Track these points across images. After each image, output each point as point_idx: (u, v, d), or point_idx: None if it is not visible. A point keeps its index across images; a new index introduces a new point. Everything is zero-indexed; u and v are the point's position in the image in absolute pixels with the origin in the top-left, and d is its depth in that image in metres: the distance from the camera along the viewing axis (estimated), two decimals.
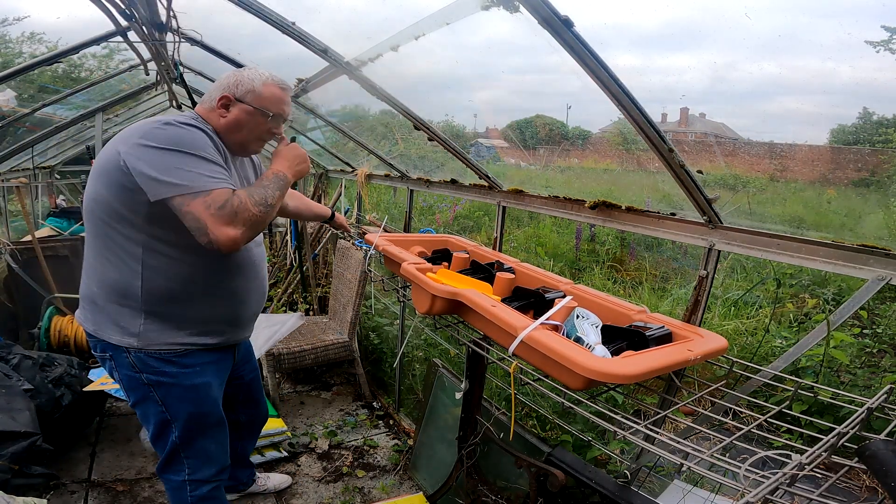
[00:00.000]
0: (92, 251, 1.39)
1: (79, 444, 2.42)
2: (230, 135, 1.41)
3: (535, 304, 1.33)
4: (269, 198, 1.31)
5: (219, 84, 1.43)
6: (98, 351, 1.45)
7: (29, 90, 2.89)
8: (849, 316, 1.23)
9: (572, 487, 1.60)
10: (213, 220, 1.20)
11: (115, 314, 1.37)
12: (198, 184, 1.21)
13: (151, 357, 1.39)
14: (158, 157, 1.22)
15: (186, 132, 1.26)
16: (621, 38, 1.25)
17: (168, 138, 1.23)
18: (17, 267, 3.24)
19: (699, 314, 1.43)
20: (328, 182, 4.27)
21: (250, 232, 1.26)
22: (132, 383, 1.43)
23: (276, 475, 2.31)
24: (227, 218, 1.21)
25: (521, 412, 2.23)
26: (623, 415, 1.01)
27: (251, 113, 1.40)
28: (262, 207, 1.28)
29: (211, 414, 1.53)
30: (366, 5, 1.80)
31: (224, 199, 1.22)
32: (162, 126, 1.25)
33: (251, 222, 1.25)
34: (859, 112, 1.35)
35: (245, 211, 1.24)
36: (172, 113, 1.42)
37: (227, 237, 1.21)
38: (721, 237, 1.38)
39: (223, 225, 1.20)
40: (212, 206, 1.20)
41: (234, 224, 1.22)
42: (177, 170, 1.21)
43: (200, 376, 1.47)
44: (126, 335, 1.37)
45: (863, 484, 1.60)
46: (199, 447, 1.53)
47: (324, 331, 3.12)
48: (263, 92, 1.40)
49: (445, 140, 2.05)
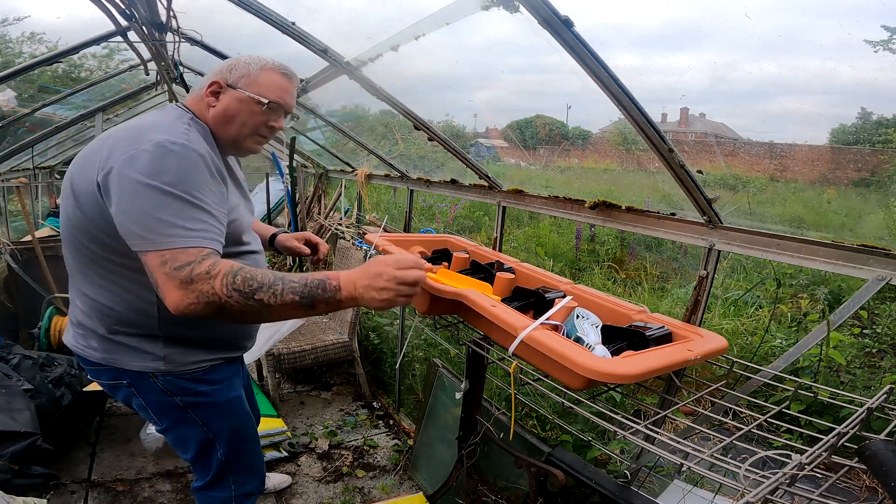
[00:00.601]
0: (81, 278, 1.21)
1: (79, 444, 2.42)
2: (220, 128, 1.22)
3: (535, 304, 1.33)
4: (265, 293, 1.00)
5: (212, 71, 1.25)
6: (107, 379, 1.28)
7: (29, 90, 2.89)
8: (849, 316, 1.22)
9: (572, 487, 1.60)
10: (165, 278, 0.99)
11: (128, 342, 1.22)
12: (163, 238, 1.00)
13: (183, 378, 1.26)
14: (131, 198, 1.01)
15: (171, 160, 1.03)
16: (621, 38, 1.25)
17: (147, 169, 1.01)
18: (17, 267, 3.24)
19: (699, 314, 1.43)
20: (328, 182, 4.27)
21: (204, 309, 0.99)
22: (165, 408, 1.30)
23: (276, 475, 2.30)
24: (178, 280, 0.98)
25: (521, 412, 2.23)
26: (623, 415, 1.01)
27: (244, 101, 1.19)
28: (237, 295, 0.99)
29: (249, 425, 1.46)
30: (366, 5, 1.80)
31: (185, 261, 0.99)
32: (150, 148, 1.03)
33: (209, 301, 0.98)
34: (859, 112, 1.36)
35: (205, 283, 0.98)
36: (168, 111, 1.21)
37: (171, 301, 0.99)
38: (721, 237, 1.38)
39: (172, 287, 0.98)
40: (168, 263, 0.99)
41: (185, 290, 0.98)
42: (146, 216, 1.00)
43: (232, 390, 1.38)
44: (150, 360, 1.23)
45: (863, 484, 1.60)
46: (244, 461, 1.45)
47: (324, 331, 3.12)
48: (260, 77, 1.20)
49: (445, 140, 2.05)
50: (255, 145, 1.27)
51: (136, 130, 1.08)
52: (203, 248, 1.03)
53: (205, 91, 1.21)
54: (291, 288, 1.01)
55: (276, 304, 1.01)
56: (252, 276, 1.00)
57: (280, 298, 1.00)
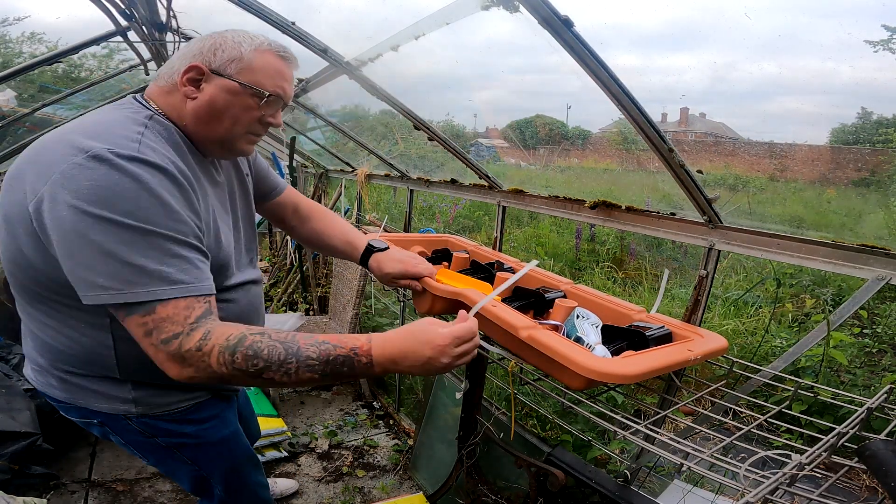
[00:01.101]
0: (30, 319, 0.99)
1: (79, 444, 2.42)
2: (203, 126, 0.94)
3: (535, 304, 1.33)
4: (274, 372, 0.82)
5: (186, 50, 0.94)
6: (76, 417, 1.07)
7: (29, 90, 2.88)
8: (849, 316, 1.22)
9: (572, 487, 1.60)
10: (154, 350, 0.82)
11: (90, 385, 1.01)
12: (134, 289, 0.79)
13: (162, 420, 1.07)
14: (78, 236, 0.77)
15: (121, 176, 0.78)
16: (622, 38, 1.25)
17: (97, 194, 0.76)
18: None
19: (699, 314, 1.43)
20: (328, 182, 4.27)
21: (209, 381, 0.85)
22: (146, 447, 1.12)
23: (283, 480, 2.26)
24: (169, 354, 0.82)
25: (522, 412, 2.23)
26: (623, 415, 1.01)
27: (235, 93, 0.92)
28: (241, 374, 0.82)
29: (248, 461, 1.29)
30: (366, 5, 1.80)
31: (171, 332, 0.81)
32: (87, 163, 0.77)
33: (211, 376, 0.83)
34: (859, 112, 1.36)
35: (199, 361, 0.82)
36: (119, 107, 0.94)
37: (170, 373, 0.84)
38: (721, 237, 1.38)
39: (165, 359, 0.82)
40: (153, 334, 0.81)
41: (181, 364, 0.82)
42: (104, 259, 0.78)
43: (225, 427, 1.20)
44: (119, 403, 1.03)
45: (863, 484, 1.60)
46: (248, 494, 1.31)
47: (324, 331, 3.12)
48: (255, 61, 0.93)
49: (445, 140, 2.05)
50: (247, 146, 1.02)
51: (69, 136, 0.82)
52: (190, 297, 0.83)
53: (180, 79, 0.92)
54: (309, 366, 0.83)
55: (289, 382, 0.85)
56: (256, 353, 0.82)
57: (294, 377, 0.83)
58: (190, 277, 0.84)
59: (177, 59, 0.95)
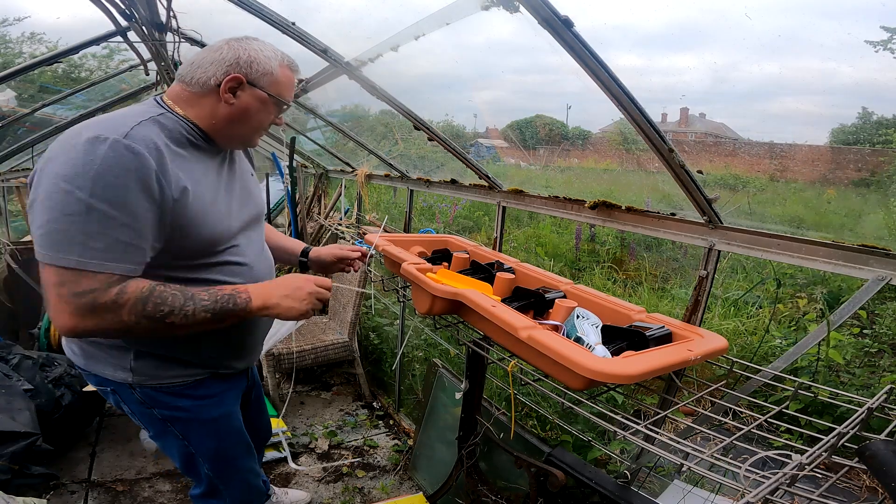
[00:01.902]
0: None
1: (79, 444, 2.42)
2: (233, 127, 1.11)
3: (535, 304, 1.33)
4: (176, 316, 0.98)
5: (219, 59, 1.06)
6: (94, 384, 1.23)
7: (29, 90, 2.89)
8: (849, 316, 1.22)
9: (572, 487, 1.60)
10: (58, 300, 0.91)
11: (101, 352, 1.15)
12: (65, 254, 0.89)
13: (161, 392, 1.18)
14: (42, 200, 0.89)
15: (99, 160, 0.89)
16: (622, 38, 1.25)
17: (70, 171, 0.88)
18: (17, 267, 3.24)
19: (699, 314, 1.43)
20: (328, 182, 4.26)
21: (99, 334, 0.98)
22: (146, 418, 1.24)
23: (294, 491, 2.21)
24: (75, 306, 0.91)
25: (522, 412, 2.23)
26: (623, 415, 1.01)
27: (266, 102, 1.10)
28: (146, 321, 0.95)
29: (238, 444, 1.37)
30: (366, 5, 1.80)
31: (87, 287, 0.90)
32: (79, 144, 0.89)
33: (108, 328, 0.95)
34: (859, 112, 1.36)
35: (109, 313, 0.92)
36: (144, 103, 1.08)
37: (59, 324, 0.92)
38: (721, 237, 1.38)
39: (64, 311, 0.91)
40: (67, 285, 0.90)
41: (80, 317, 0.91)
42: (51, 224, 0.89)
43: (219, 407, 1.27)
44: (120, 371, 1.15)
45: (863, 484, 1.60)
46: (237, 479, 1.38)
47: (324, 331, 3.12)
48: (280, 76, 1.11)
49: (445, 140, 2.05)
50: (257, 140, 1.22)
51: (84, 125, 0.95)
52: (113, 273, 0.92)
53: (224, 86, 1.05)
54: (203, 307, 1.01)
55: (186, 325, 1.00)
56: (163, 300, 0.97)
57: (192, 319, 1.00)
58: (125, 258, 0.94)
59: (209, 64, 1.07)
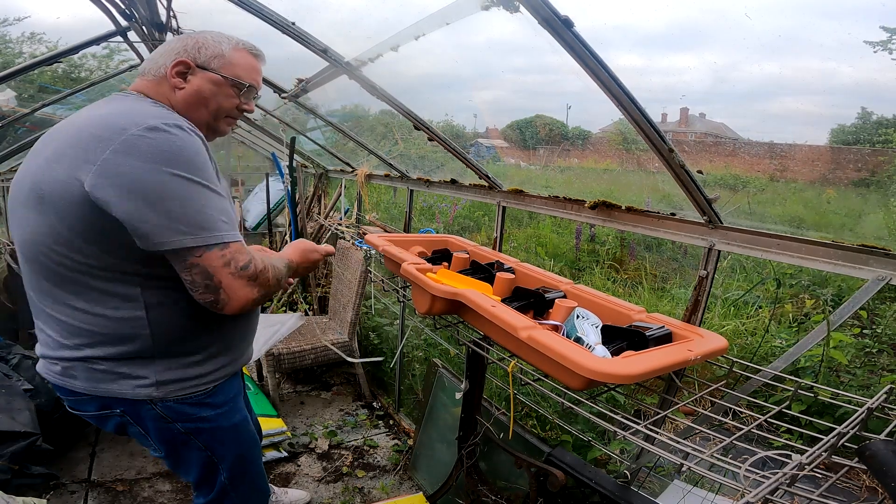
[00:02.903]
0: (52, 301, 1.05)
1: (79, 444, 2.42)
2: (191, 112, 1.11)
3: (535, 304, 1.33)
4: (279, 275, 1.13)
5: (169, 48, 1.11)
6: (94, 410, 1.13)
7: (29, 90, 2.88)
8: (849, 316, 1.22)
9: (572, 487, 1.60)
10: (232, 279, 0.99)
11: (117, 365, 1.08)
12: (213, 231, 0.96)
13: (183, 403, 1.15)
14: (152, 188, 0.91)
15: (180, 141, 0.94)
16: (623, 38, 1.25)
17: (160, 155, 0.91)
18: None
19: (699, 314, 1.43)
20: (328, 182, 4.26)
21: (263, 299, 1.08)
22: (166, 435, 1.18)
23: (294, 490, 2.22)
24: (246, 279, 1.01)
25: (522, 412, 2.23)
26: (623, 415, 1.01)
27: (219, 84, 1.12)
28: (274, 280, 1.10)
29: (254, 448, 1.40)
30: (366, 5, 1.80)
31: (246, 259, 1.01)
32: (149, 134, 0.92)
33: (265, 293, 1.08)
34: (859, 112, 1.36)
35: (262, 275, 1.05)
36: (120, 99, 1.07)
37: (245, 299, 1.02)
38: (721, 237, 1.38)
39: (244, 286, 1.01)
40: (232, 263, 0.98)
41: (251, 287, 1.03)
42: (182, 208, 0.93)
43: (236, 413, 1.30)
44: (141, 387, 1.09)
45: (863, 484, 1.60)
46: (248, 482, 1.39)
47: (324, 331, 3.12)
48: (234, 58, 1.14)
49: (445, 140, 2.05)
50: (227, 128, 1.22)
51: (108, 119, 0.95)
52: (241, 240, 1.03)
53: (169, 71, 1.09)
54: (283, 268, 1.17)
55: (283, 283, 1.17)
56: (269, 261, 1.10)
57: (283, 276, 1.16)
58: (234, 224, 1.03)
59: (160, 55, 1.12)
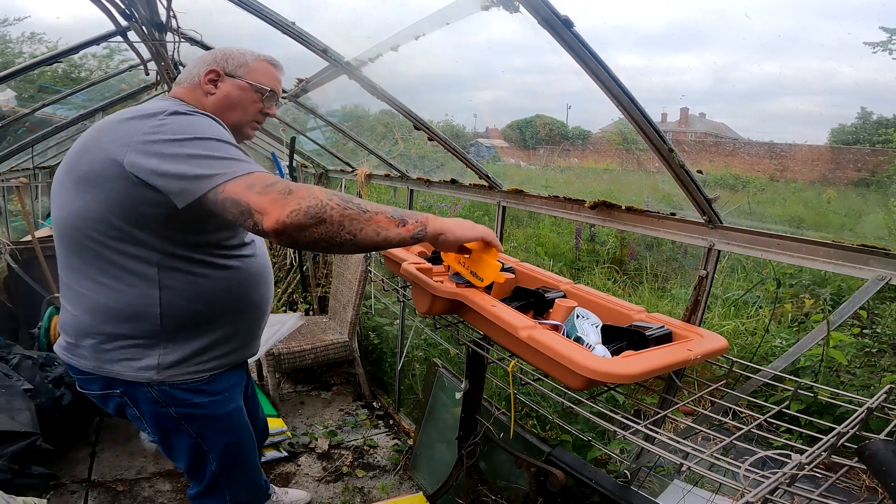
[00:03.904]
0: (80, 277, 1.15)
1: (79, 444, 2.42)
2: (221, 114, 1.21)
3: (535, 303, 1.33)
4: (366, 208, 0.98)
5: (201, 60, 1.27)
6: (97, 389, 1.23)
7: (29, 90, 2.88)
8: (849, 316, 1.23)
9: (572, 487, 1.60)
10: (258, 196, 0.94)
11: (123, 346, 1.17)
12: (234, 168, 0.98)
13: (178, 388, 1.21)
14: (179, 150, 1.00)
15: (196, 118, 1.07)
16: (623, 38, 1.25)
17: (181, 128, 1.03)
18: (17, 267, 3.24)
19: (699, 314, 1.43)
20: (328, 182, 4.26)
21: (304, 219, 0.92)
22: (159, 419, 1.25)
23: (294, 490, 2.22)
24: (277, 193, 0.94)
25: (522, 412, 2.23)
26: (623, 415, 1.01)
27: (245, 89, 1.27)
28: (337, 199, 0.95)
29: (247, 441, 1.41)
30: (366, 5, 1.80)
31: (273, 180, 0.97)
32: (165, 117, 1.04)
33: (310, 206, 0.92)
34: (859, 112, 1.36)
35: (304, 191, 0.94)
36: (154, 102, 1.17)
37: (280, 211, 0.92)
38: (721, 237, 1.38)
39: (274, 199, 0.93)
40: (255, 184, 0.96)
41: (285, 199, 0.93)
42: (207, 159, 0.99)
43: (231, 402, 1.33)
44: (142, 369, 1.18)
45: (863, 484, 1.60)
46: (241, 475, 1.41)
47: (324, 331, 3.12)
48: (257, 67, 1.29)
49: (445, 140, 2.05)
50: (251, 131, 1.35)
51: (142, 112, 1.06)
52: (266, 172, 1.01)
53: (203, 79, 1.24)
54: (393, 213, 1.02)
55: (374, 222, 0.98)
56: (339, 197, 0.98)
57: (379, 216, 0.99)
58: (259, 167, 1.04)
59: (193, 67, 1.27)
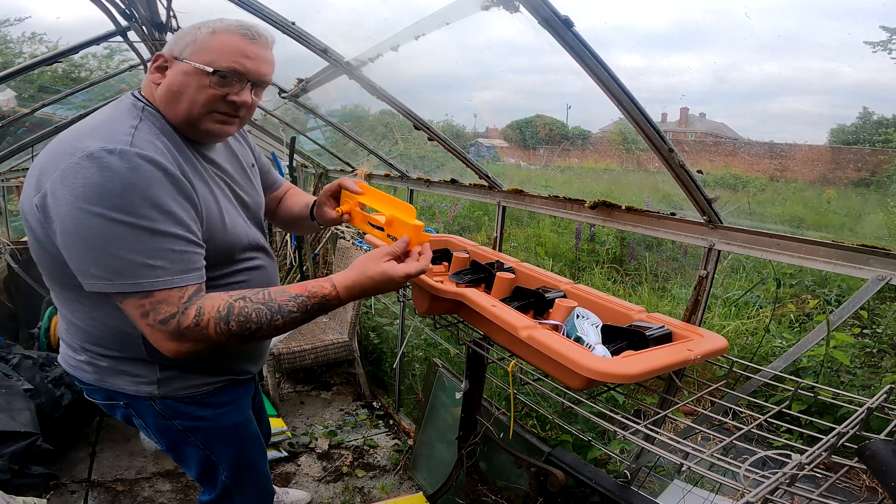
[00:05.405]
0: (62, 303, 1.07)
1: (79, 443, 2.42)
2: (168, 109, 0.99)
3: (535, 303, 1.33)
4: (265, 331, 0.95)
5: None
6: (102, 399, 1.17)
7: (29, 90, 2.89)
8: (849, 316, 1.23)
9: (572, 487, 1.60)
10: (152, 330, 0.90)
11: (120, 365, 1.10)
12: (131, 278, 0.86)
13: (182, 402, 1.15)
14: (75, 230, 0.84)
15: (110, 173, 0.83)
16: (623, 38, 1.25)
17: (86, 189, 0.82)
18: (17, 267, 3.24)
19: (699, 314, 1.43)
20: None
21: (204, 352, 0.94)
22: (165, 431, 1.20)
23: (294, 490, 2.22)
24: (168, 333, 0.89)
25: (522, 412, 2.23)
26: (623, 415, 1.01)
27: (189, 73, 0.96)
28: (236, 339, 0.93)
29: (256, 449, 1.36)
30: (366, 5, 1.80)
31: (168, 312, 0.88)
32: (83, 162, 0.83)
33: (207, 346, 0.93)
34: (859, 112, 1.36)
35: (197, 334, 0.90)
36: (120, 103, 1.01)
37: (171, 351, 0.92)
38: (721, 237, 1.38)
39: (163, 338, 0.90)
40: (151, 315, 0.88)
41: (178, 341, 0.90)
42: (100, 253, 0.85)
43: (238, 413, 1.27)
44: (143, 385, 1.11)
45: (863, 484, 1.60)
46: (252, 483, 1.37)
47: (324, 331, 3.12)
48: (210, 42, 0.95)
49: (445, 140, 2.05)
50: (214, 125, 1.01)
51: (72, 136, 0.90)
52: (183, 287, 0.90)
53: (150, 67, 1.00)
54: (293, 319, 0.96)
55: (277, 334, 1.00)
56: (247, 318, 0.92)
57: (282, 329, 0.97)
58: (185, 267, 0.92)
59: None
